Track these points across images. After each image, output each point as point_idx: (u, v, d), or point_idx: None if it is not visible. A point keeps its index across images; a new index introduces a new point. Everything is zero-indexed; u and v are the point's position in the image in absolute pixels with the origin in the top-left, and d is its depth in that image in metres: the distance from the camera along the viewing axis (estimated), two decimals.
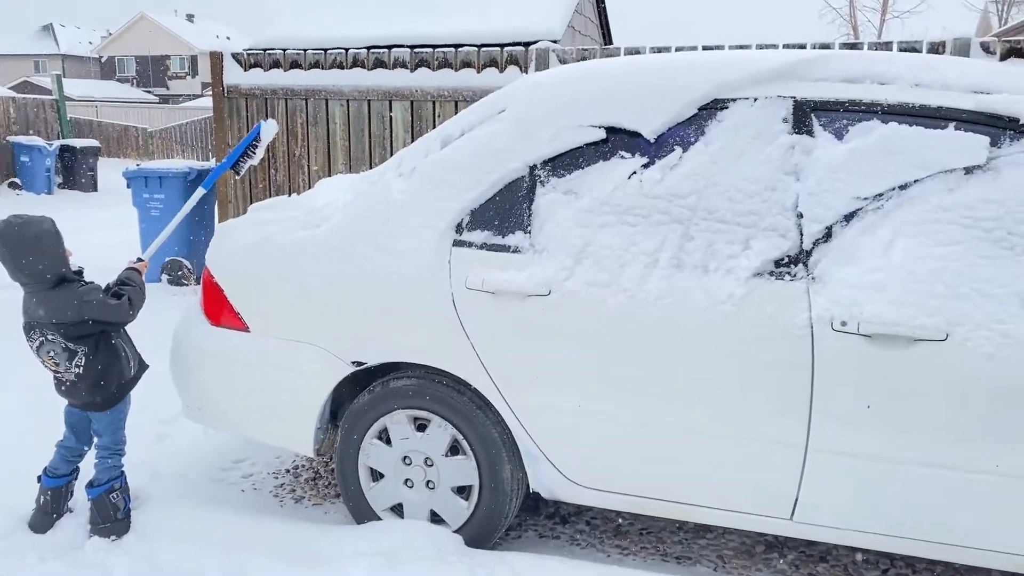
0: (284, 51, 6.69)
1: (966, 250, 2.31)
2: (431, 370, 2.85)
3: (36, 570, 2.73)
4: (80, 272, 2.88)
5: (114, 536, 2.91)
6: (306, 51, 6.60)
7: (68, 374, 2.83)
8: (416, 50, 6.24)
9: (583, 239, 2.65)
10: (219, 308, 3.05)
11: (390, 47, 7.81)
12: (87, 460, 3.02)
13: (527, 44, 6.75)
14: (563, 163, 2.73)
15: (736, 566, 2.92)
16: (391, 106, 6.23)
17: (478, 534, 2.85)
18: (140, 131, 23.38)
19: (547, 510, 3.31)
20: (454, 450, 2.86)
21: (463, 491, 2.89)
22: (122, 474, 3.00)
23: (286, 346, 2.94)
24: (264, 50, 7.48)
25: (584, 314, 2.60)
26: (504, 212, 2.75)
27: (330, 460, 3.66)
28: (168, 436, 3.87)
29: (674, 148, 2.64)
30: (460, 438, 2.82)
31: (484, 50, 6.06)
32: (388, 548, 2.75)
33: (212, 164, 7.26)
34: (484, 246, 2.74)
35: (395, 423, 2.89)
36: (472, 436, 2.79)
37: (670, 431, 2.57)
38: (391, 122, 6.25)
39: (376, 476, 2.98)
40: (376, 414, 2.89)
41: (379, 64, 6.26)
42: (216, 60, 6.79)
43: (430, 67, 6.11)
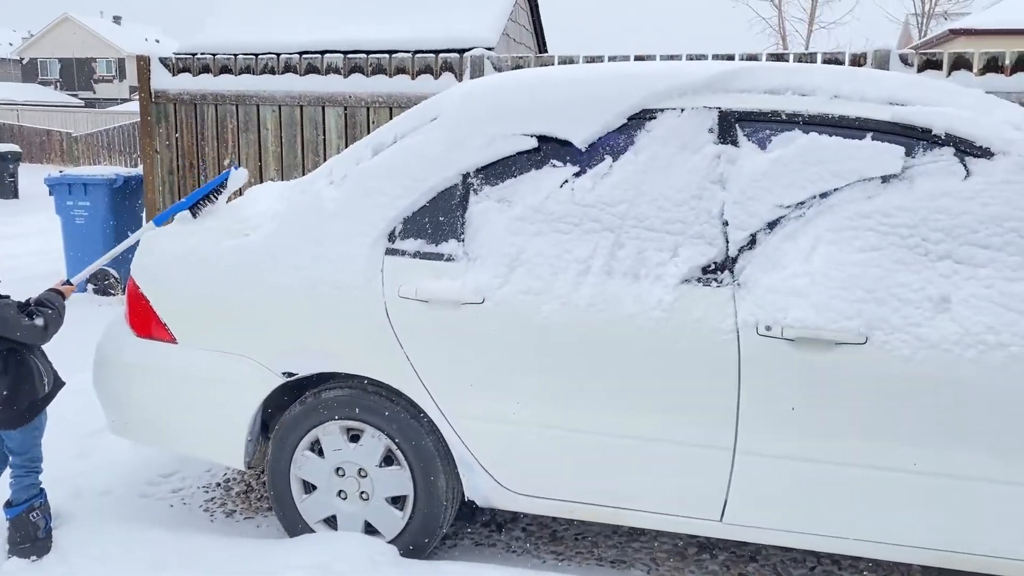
0: (214, 56, 6.57)
1: (883, 256, 2.40)
2: (364, 380, 2.83)
3: None
4: None
5: (34, 556, 2.81)
6: (237, 56, 6.49)
7: None
8: (350, 56, 6.19)
9: (516, 247, 2.66)
10: (145, 320, 2.97)
11: (323, 52, 7.74)
12: (3, 479, 2.91)
13: (462, 51, 6.75)
14: (496, 171, 2.74)
15: (669, 568, 2.96)
16: (324, 112, 6.17)
17: (413, 544, 2.84)
18: (64, 136, 22.66)
19: (483, 518, 3.31)
20: (388, 460, 2.85)
21: (397, 501, 2.87)
22: (41, 492, 2.90)
23: (215, 358, 2.88)
24: (193, 54, 7.33)
25: (518, 322, 2.61)
26: (437, 220, 2.75)
27: (262, 473, 3.60)
28: (92, 452, 3.75)
29: (604, 157, 2.68)
30: (394, 448, 2.80)
31: (418, 56, 6.05)
32: (321, 561, 2.72)
33: (140, 170, 7.07)
34: (417, 254, 2.74)
35: (327, 434, 2.85)
36: (406, 446, 2.78)
37: (602, 436, 2.60)
38: (324, 128, 6.19)
39: (309, 488, 2.94)
40: (308, 425, 2.86)
41: (312, 70, 6.19)
42: (143, 64, 6.63)
43: (364, 73, 6.07)
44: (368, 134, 4.63)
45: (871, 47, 5.27)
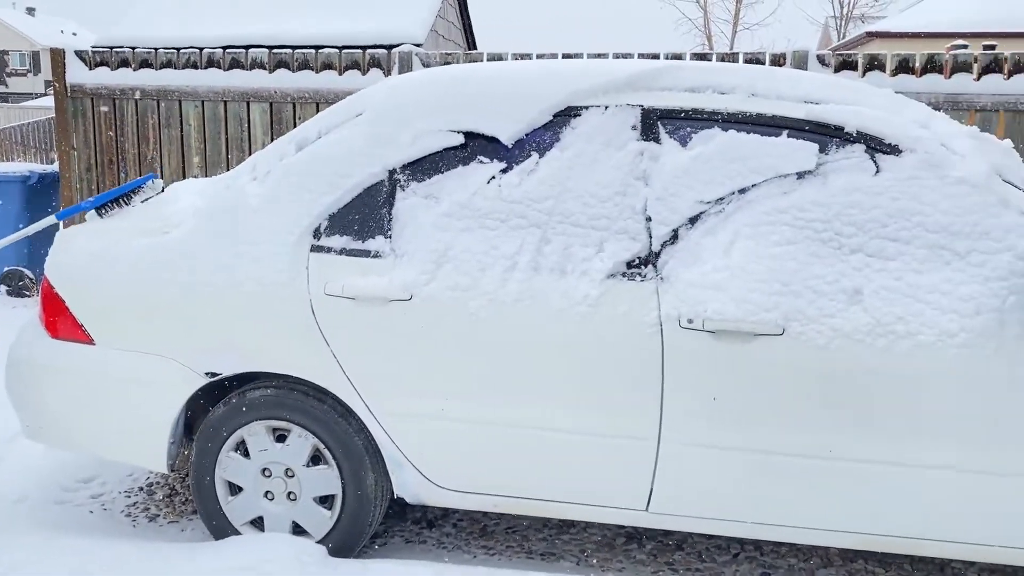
0: (133, 49, 6.39)
1: (799, 250, 2.48)
2: (290, 379, 2.80)
3: None
4: None
5: None
6: (157, 50, 6.32)
7: None
8: (275, 51, 6.09)
9: (444, 243, 2.66)
10: (60, 320, 2.88)
11: (247, 47, 7.60)
12: None
13: (390, 47, 6.71)
14: (423, 167, 2.74)
15: (598, 559, 3.00)
16: (249, 108, 6.06)
17: (342, 543, 2.82)
18: None
19: (414, 515, 3.30)
20: (316, 460, 2.82)
21: (326, 501, 2.84)
22: None
23: (135, 358, 2.81)
24: (112, 48, 7.10)
25: (446, 318, 2.61)
26: (364, 217, 2.73)
27: (187, 476, 3.52)
28: (5, 457, 3.61)
29: (531, 153, 2.70)
30: (322, 447, 2.77)
31: (346, 52, 5.98)
32: (248, 563, 2.67)
33: (55, 167, 6.83)
34: (343, 251, 2.72)
35: (253, 435, 2.81)
36: (334, 445, 2.75)
37: (531, 430, 2.62)
38: (249, 124, 6.08)
39: (234, 490, 2.89)
40: (233, 426, 2.81)
41: (236, 64, 6.08)
42: (58, 57, 6.40)
43: (290, 68, 5.99)
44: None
45: (790, 48, 5.43)
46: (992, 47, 5.44)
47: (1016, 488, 2.40)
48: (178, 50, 6.28)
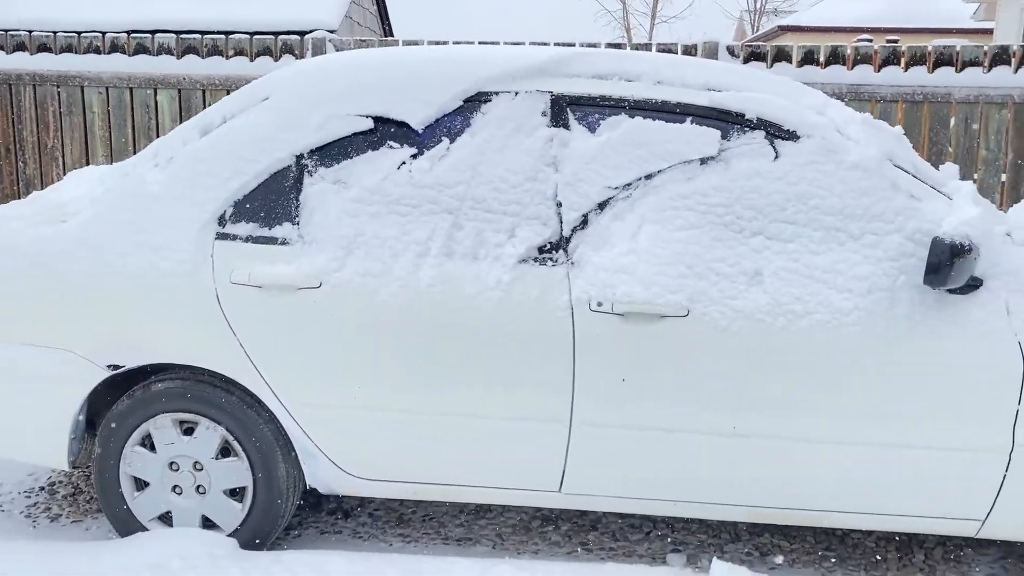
0: (30, 32, 6.10)
1: (702, 234, 2.54)
2: (197, 370, 2.73)
3: None
4: None
5: None
6: (56, 33, 6.06)
7: None
8: (183, 36, 5.91)
9: (354, 229, 2.64)
10: None
11: (153, 32, 7.36)
12: None
13: (303, 33, 6.58)
14: (331, 153, 2.70)
15: (514, 542, 3.03)
16: (156, 95, 5.86)
17: (254, 536, 2.77)
18: None
19: (329, 506, 3.27)
20: (225, 452, 2.76)
21: (236, 493, 2.79)
22: None
23: (31, 352, 2.70)
24: (6, 31, 6.77)
25: (357, 305, 2.59)
26: (270, 203, 2.68)
27: (91, 473, 3.40)
28: None
29: (442, 139, 2.69)
30: (231, 439, 2.72)
31: (257, 38, 5.84)
32: (155, 559, 2.60)
33: None
34: (250, 238, 2.66)
35: (159, 428, 2.73)
36: (243, 436, 2.70)
37: (443, 416, 2.63)
38: (157, 112, 5.88)
39: (141, 485, 2.81)
40: (137, 420, 2.73)
41: (142, 49, 5.87)
42: None
43: (199, 54, 5.81)
44: None
45: (702, 39, 5.54)
46: (895, 41, 5.66)
47: (911, 459, 2.52)
48: (79, 34, 6.03)
